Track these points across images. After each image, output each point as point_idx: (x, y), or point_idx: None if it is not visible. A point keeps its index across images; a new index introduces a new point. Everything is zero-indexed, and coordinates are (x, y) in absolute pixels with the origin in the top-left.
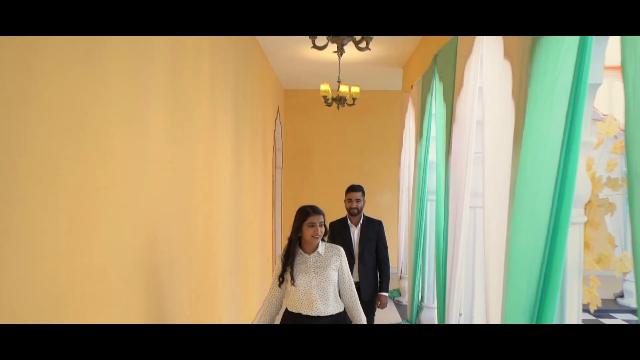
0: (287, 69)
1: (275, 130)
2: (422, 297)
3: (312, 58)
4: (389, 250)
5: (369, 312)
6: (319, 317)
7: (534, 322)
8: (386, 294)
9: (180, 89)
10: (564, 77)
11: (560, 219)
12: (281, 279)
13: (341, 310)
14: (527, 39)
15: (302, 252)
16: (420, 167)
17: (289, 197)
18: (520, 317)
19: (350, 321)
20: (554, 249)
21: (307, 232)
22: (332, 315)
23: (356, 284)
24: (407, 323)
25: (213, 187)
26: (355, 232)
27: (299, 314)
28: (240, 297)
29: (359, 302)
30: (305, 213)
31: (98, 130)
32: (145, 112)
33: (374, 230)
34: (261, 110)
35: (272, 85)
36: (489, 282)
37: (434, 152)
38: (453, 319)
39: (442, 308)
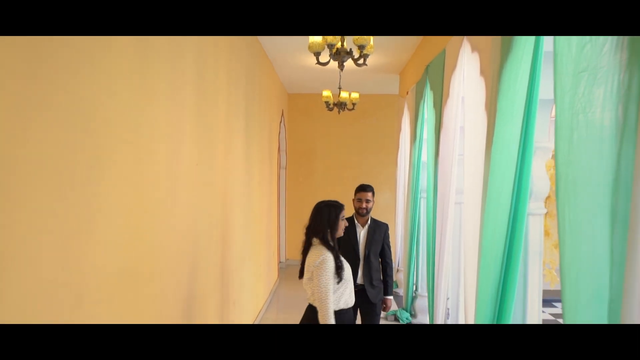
0: (291, 75)
1: (280, 132)
2: (416, 287)
3: (314, 65)
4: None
5: (375, 313)
6: (350, 308)
7: (499, 297)
8: (391, 297)
9: (204, 97)
10: (520, 94)
11: (518, 211)
12: (338, 275)
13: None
14: (497, 58)
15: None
16: (414, 167)
17: (293, 196)
18: (489, 292)
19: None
20: (514, 235)
21: (342, 226)
22: (352, 307)
23: (360, 286)
24: (398, 312)
25: (228, 186)
26: (362, 233)
27: (341, 311)
28: (250, 287)
29: None
30: (340, 208)
31: (149, 139)
32: (180, 121)
33: (380, 233)
34: (267, 114)
35: (277, 89)
36: (467, 266)
37: (426, 154)
38: (441, 303)
39: (431, 294)
